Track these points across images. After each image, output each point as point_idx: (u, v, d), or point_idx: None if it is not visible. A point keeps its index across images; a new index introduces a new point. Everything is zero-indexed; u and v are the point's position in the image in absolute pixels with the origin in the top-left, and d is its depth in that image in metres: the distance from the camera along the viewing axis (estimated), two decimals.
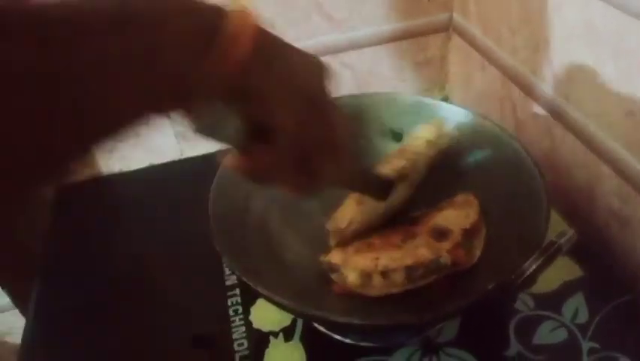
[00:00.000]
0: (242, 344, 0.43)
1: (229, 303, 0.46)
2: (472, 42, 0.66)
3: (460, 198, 0.44)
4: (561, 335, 0.42)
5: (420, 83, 0.73)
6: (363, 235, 0.41)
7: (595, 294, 0.44)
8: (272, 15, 0.63)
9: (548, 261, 0.33)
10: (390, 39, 0.68)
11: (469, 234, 0.40)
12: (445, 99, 0.75)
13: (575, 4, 0.47)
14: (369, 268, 0.38)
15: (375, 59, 0.69)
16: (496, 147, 0.45)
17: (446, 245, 0.39)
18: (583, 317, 0.43)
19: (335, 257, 0.40)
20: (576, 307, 0.43)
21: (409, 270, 0.37)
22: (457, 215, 0.41)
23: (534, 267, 0.32)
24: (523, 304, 0.44)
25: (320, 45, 0.66)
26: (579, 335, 0.42)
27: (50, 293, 0.54)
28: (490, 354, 0.41)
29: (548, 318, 0.43)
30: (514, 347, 0.41)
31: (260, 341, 0.44)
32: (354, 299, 0.39)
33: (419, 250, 0.38)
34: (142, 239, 0.60)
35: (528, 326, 0.42)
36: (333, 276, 0.40)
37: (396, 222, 0.43)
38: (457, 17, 0.68)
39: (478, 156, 0.47)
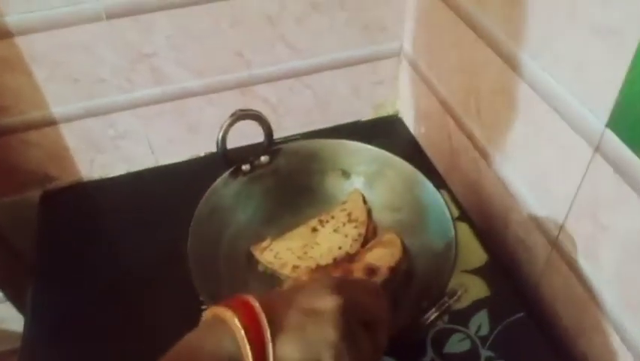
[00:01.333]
0: None
1: None
2: (417, 71, 0.74)
3: (386, 237, 0.54)
4: (466, 345, 0.53)
5: (374, 100, 0.81)
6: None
7: (496, 311, 0.55)
8: (240, 45, 0.69)
9: (442, 314, 0.43)
10: (347, 64, 0.76)
11: (393, 270, 0.50)
12: (396, 114, 0.84)
13: (497, 69, 0.56)
14: None
15: (334, 80, 0.77)
16: (420, 192, 0.55)
17: (376, 280, 0.49)
18: (485, 330, 0.54)
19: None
20: (480, 321, 0.55)
21: None
22: (384, 253, 0.51)
23: (431, 318, 0.43)
24: (441, 319, 0.55)
25: (283, 70, 0.73)
26: (480, 345, 0.53)
27: (43, 289, 0.62)
28: (410, 360, 0.53)
29: (458, 331, 0.54)
30: (429, 354, 0.53)
31: None
32: None
33: None
34: (123, 240, 0.68)
35: (441, 337, 0.54)
36: None
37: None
38: (406, 46, 0.76)
39: (407, 199, 0.57)
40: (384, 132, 0.80)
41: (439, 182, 0.67)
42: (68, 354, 0.56)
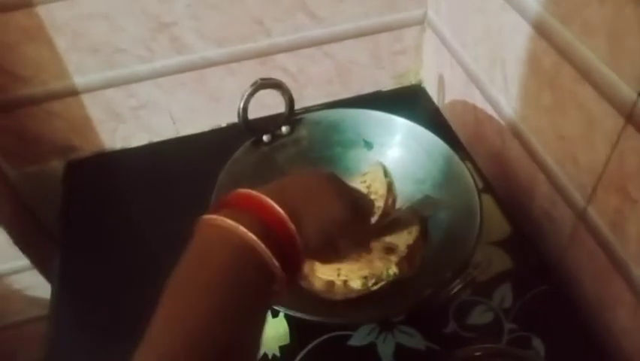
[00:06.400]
0: None
1: None
2: (442, 40, 0.73)
3: (403, 218, 0.53)
4: (489, 316, 0.53)
5: (396, 69, 0.80)
6: None
7: (519, 283, 0.55)
8: (260, 13, 0.68)
9: (466, 286, 0.43)
10: (369, 32, 0.74)
11: (411, 248, 0.50)
12: (419, 84, 0.82)
13: (525, 36, 0.54)
14: (332, 277, 0.48)
15: (356, 49, 0.75)
16: (445, 163, 0.54)
17: (394, 258, 0.49)
18: (508, 302, 0.54)
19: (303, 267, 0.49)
20: (503, 294, 0.54)
21: (365, 279, 0.48)
22: (401, 234, 0.51)
23: (455, 289, 0.42)
24: (464, 291, 0.54)
25: (304, 39, 0.72)
26: (503, 318, 0.53)
27: (68, 258, 0.63)
28: (432, 331, 0.52)
29: (481, 303, 0.54)
30: (452, 326, 0.53)
31: None
32: (320, 298, 0.49)
33: (373, 263, 0.48)
34: (145, 209, 0.69)
35: (464, 309, 0.53)
36: (302, 283, 0.50)
37: None
38: (430, 13, 0.74)
39: (430, 170, 0.56)
40: (406, 103, 0.79)
41: (462, 153, 0.65)
42: (95, 321, 0.57)
